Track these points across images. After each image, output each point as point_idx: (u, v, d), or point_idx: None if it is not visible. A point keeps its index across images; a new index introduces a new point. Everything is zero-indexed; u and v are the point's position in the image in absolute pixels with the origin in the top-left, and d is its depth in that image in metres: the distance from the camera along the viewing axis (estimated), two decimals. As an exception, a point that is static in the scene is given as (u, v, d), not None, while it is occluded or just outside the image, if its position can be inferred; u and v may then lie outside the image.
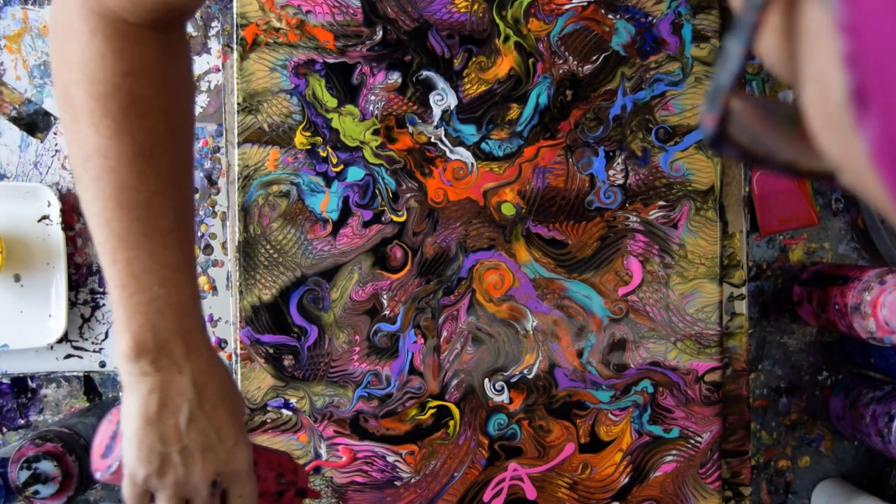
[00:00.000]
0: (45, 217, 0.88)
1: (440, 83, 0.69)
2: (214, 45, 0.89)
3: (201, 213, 0.86)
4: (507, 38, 0.69)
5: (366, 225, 0.69)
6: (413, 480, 0.70)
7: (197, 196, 0.86)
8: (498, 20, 0.69)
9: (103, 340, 0.90)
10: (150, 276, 0.45)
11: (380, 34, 0.69)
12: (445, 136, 0.69)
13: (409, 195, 0.70)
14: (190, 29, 0.89)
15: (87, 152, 0.44)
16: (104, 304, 0.90)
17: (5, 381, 0.89)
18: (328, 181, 0.69)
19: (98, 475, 0.50)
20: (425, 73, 0.69)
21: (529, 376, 0.70)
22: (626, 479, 0.70)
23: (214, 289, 0.86)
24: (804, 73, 0.19)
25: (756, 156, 0.21)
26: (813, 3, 0.18)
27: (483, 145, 0.70)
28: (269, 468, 0.53)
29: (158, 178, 0.45)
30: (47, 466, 0.73)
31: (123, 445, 0.47)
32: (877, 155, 0.15)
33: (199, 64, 0.90)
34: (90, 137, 0.44)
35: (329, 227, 0.69)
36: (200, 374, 0.46)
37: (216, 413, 0.47)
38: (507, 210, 0.70)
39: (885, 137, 0.15)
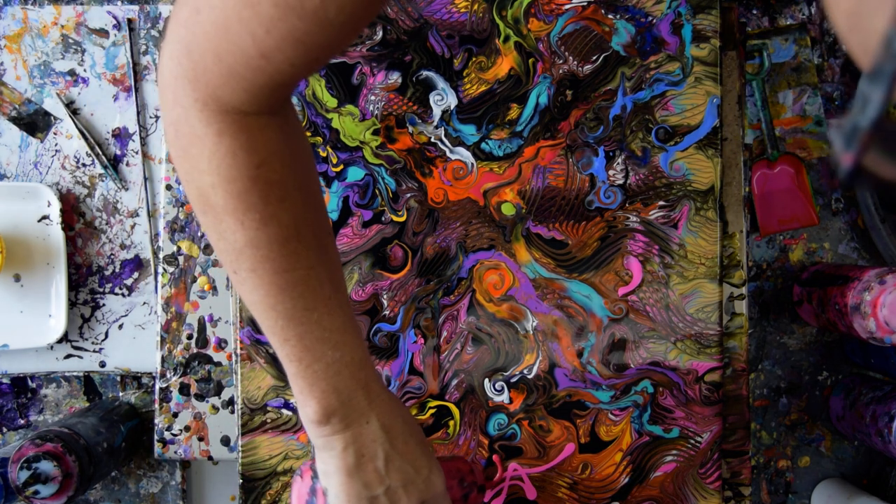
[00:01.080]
0: (45, 217, 0.88)
1: (440, 83, 0.69)
2: (214, 45, 0.89)
3: (201, 213, 0.86)
4: (507, 38, 0.69)
5: (366, 225, 0.69)
6: (413, 480, 0.70)
7: (197, 196, 0.86)
8: (498, 20, 0.69)
9: (103, 340, 0.90)
10: (322, 345, 0.47)
11: (380, 34, 0.69)
12: (445, 136, 0.69)
13: (409, 195, 0.70)
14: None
15: (239, 248, 0.45)
16: (104, 304, 0.90)
17: (5, 381, 0.89)
18: (328, 181, 0.69)
19: None
20: (425, 73, 0.69)
21: (529, 376, 0.70)
22: (626, 479, 0.70)
23: (214, 289, 0.86)
24: None
25: (891, 186, 0.22)
26: None
27: (483, 145, 0.70)
28: (451, 477, 0.56)
29: (308, 251, 0.46)
30: (47, 466, 0.73)
31: (330, 501, 0.50)
32: None
33: (199, 64, 0.90)
34: (238, 233, 0.45)
35: (329, 227, 0.69)
36: (385, 418, 0.49)
37: (407, 448, 0.50)
38: (507, 210, 0.70)
39: None
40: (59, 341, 0.89)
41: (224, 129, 0.43)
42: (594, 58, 0.70)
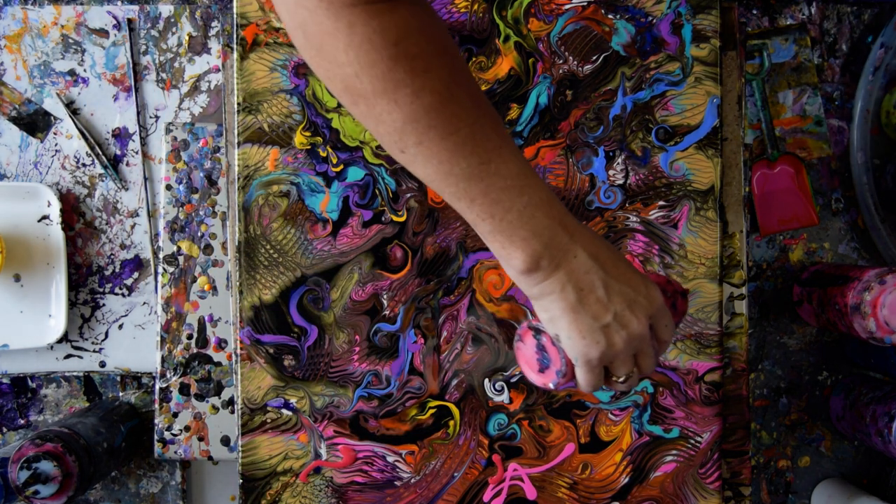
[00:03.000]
0: (45, 217, 0.88)
1: (440, 83, 0.69)
2: (214, 45, 0.90)
3: (201, 213, 0.86)
4: (507, 38, 0.69)
5: (366, 225, 0.69)
6: (413, 480, 0.70)
7: (197, 196, 0.86)
8: (498, 20, 0.69)
9: (103, 340, 0.90)
10: (509, 194, 0.47)
11: (380, 34, 0.69)
12: (445, 136, 0.69)
13: (409, 195, 0.70)
14: (189, 28, 0.89)
15: (399, 126, 0.46)
16: (104, 304, 0.90)
17: (5, 381, 0.89)
18: (328, 181, 0.69)
19: (551, 385, 0.53)
20: (425, 73, 0.69)
21: (529, 376, 0.70)
22: (626, 479, 0.70)
23: (214, 289, 0.86)
24: None
25: None
26: None
27: (483, 145, 0.69)
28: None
29: (467, 110, 0.46)
30: (47, 466, 0.73)
31: (564, 345, 0.50)
32: None
33: (199, 64, 0.90)
34: (394, 113, 0.45)
35: (329, 227, 0.69)
36: (591, 247, 0.49)
37: (619, 270, 0.49)
38: (507, 210, 0.70)
39: None
40: (59, 341, 0.89)
41: (354, 20, 0.43)
42: (594, 58, 0.70)
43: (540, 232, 0.47)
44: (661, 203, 0.70)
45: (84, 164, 0.89)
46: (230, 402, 0.86)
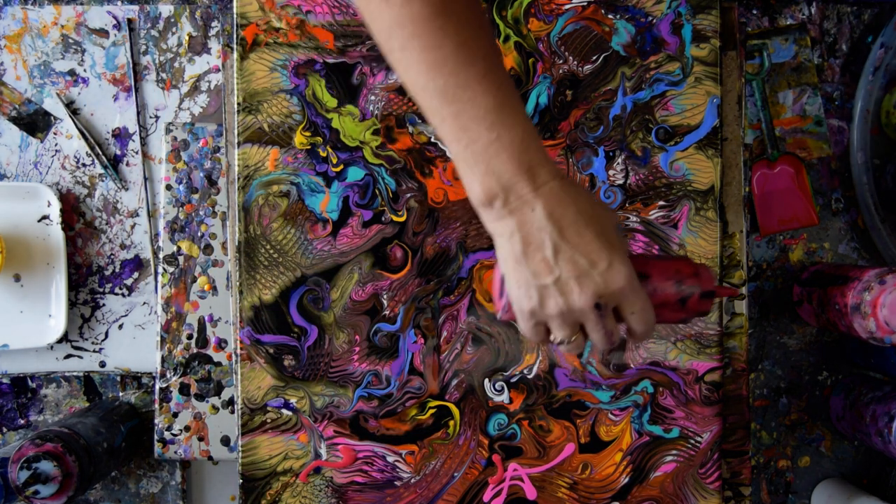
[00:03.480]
0: (45, 217, 0.88)
1: (440, 83, 0.69)
2: (214, 45, 0.90)
3: (201, 213, 0.86)
4: (507, 38, 0.69)
5: (366, 225, 0.69)
6: (413, 480, 0.70)
7: (197, 196, 0.86)
8: (498, 20, 0.69)
9: (103, 340, 0.90)
10: (477, 125, 0.46)
11: (380, 34, 0.69)
12: (445, 136, 0.69)
13: (409, 195, 0.70)
14: (189, 28, 0.89)
15: (387, 27, 0.46)
16: (104, 304, 0.90)
17: (5, 381, 0.90)
18: (328, 181, 0.69)
19: (498, 315, 0.54)
20: (425, 73, 0.69)
21: (529, 376, 0.70)
22: (626, 479, 0.70)
23: (214, 289, 0.86)
24: None
25: None
26: None
27: (483, 145, 0.69)
28: (665, 277, 0.52)
29: (457, 29, 0.46)
30: (47, 466, 0.73)
31: (507, 286, 0.50)
32: None
33: (199, 64, 0.90)
34: (385, 13, 0.45)
35: (329, 227, 0.69)
36: (553, 206, 0.47)
37: (581, 239, 0.47)
38: (507, 210, 0.70)
39: None
40: (59, 341, 0.89)
41: None
42: (594, 58, 0.70)
43: (500, 173, 0.47)
44: (661, 203, 0.70)
45: (84, 164, 0.89)
46: (230, 402, 0.86)
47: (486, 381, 0.70)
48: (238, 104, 0.69)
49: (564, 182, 0.48)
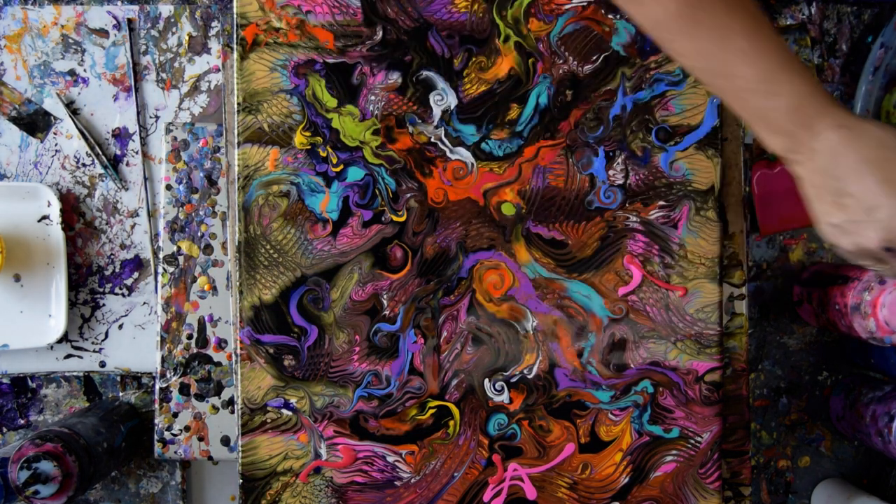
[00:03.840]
0: (45, 217, 0.88)
1: (440, 83, 0.69)
2: (214, 45, 0.90)
3: (201, 212, 0.86)
4: (507, 38, 0.69)
5: (366, 225, 0.69)
6: (413, 480, 0.70)
7: (197, 196, 0.86)
8: (498, 20, 0.69)
9: (103, 340, 0.90)
10: (747, 95, 0.51)
11: (380, 34, 0.69)
12: (445, 136, 0.69)
13: (409, 195, 0.70)
14: (189, 28, 0.89)
15: (650, 27, 0.53)
16: (104, 304, 0.90)
17: (5, 381, 0.90)
18: (328, 181, 0.69)
19: None
20: (425, 73, 0.69)
21: (529, 376, 0.70)
22: (626, 479, 0.70)
23: (214, 289, 0.86)
24: None
25: None
26: None
27: (483, 145, 0.70)
28: None
29: (711, 14, 0.50)
30: (47, 466, 0.73)
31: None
32: None
33: (199, 64, 0.90)
34: (640, 16, 0.53)
35: (329, 227, 0.69)
36: (830, 158, 0.50)
37: (862, 186, 0.50)
38: (507, 210, 0.70)
39: None
40: (59, 341, 0.89)
41: None
42: (594, 58, 0.70)
43: (778, 133, 0.51)
44: (661, 203, 0.70)
45: (84, 164, 0.89)
46: (230, 402, 0.86)
47: (486, 381, 0.70)
48: (238, 104, 0.69)
49: (843, 132, 0.50)
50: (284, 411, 0.69)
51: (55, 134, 0.90)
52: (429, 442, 0.70)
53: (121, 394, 0.90)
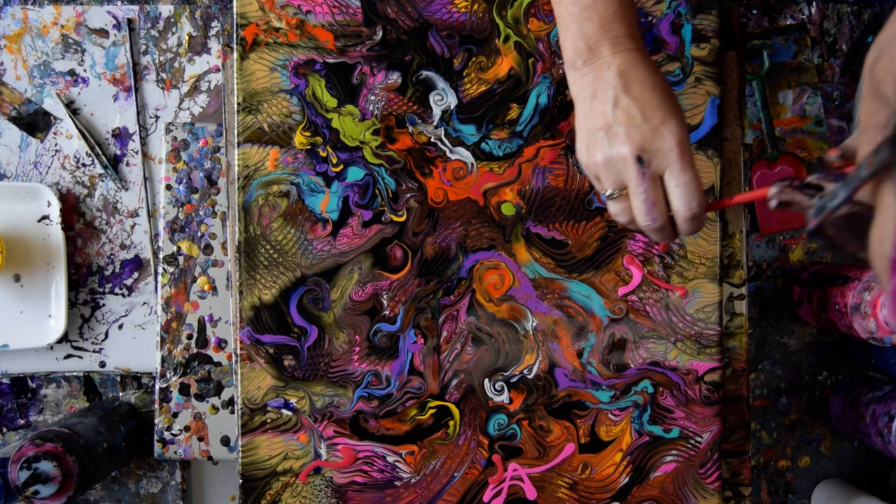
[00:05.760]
0: (45, 217, 0.88)
1: (440, 83, 0.69)
2: (214, 45, 0.90)
3: (201, 212, 0.86)
4: (507, 38, 0.69)
5: (366, 225, 0.69)
6: (413, 480, 0.70)
7: (197, 196, 0.86)
8: (498, 20, 0.69)
9: (103, 340, 0.90)
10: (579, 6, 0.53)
11: (380, 34, 0.69)
12: (445, 136, 0.69)
13: (409, 195, 0.70)
14: (189, 28, 0.89)
15: None
16: (104, 304, 0.90)
17: (5, 381, 0.89)
18: (328, 181, 0.69)
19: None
20: (425, 73, 0.69)
21: (529, 376, 0.70)
22: (626, 479, 0.70)
23: (214, 289, 0.86)
24: (877, 221, 0.30)
25: (836, 245, 0.34)
26: (889, 196, 0.29)
27: (483, 145, 0.70)
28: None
29: None
30: (47, 466, 0.73)
31: (576, 145, 0.55)
32: (891, 293, 0.27)
33: (199, 64, 0.90)
34: None
35: (329, 227, 0.69)
36: (626, 67, 0.52)
37: (642, 96, 0.51)
38: (507, 210, 0.70)
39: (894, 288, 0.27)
40: (59, 341, 0.89)
41: None
42: (594, 58, 0.69)
43: (588, 35, 0.53)
44: (661, 203, 0.70)
45: (84, 164, 0.89)
46: (230, 402, 0.86)
47: (486, 381, 0.70)
48: (238, 104, 0.69)
49: (643, 54, 0.53)
50: (284, 411, 0.69)
51: (55, 134, 0.90)
52: (429, 442, 0.70)
53: (121, 394, 0.90)
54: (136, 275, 0.90)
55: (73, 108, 0.89)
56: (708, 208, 0.53)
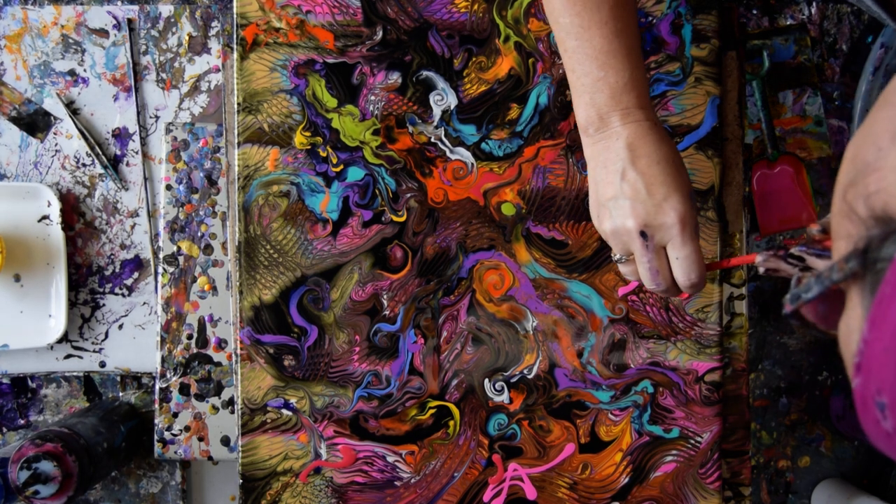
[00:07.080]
0: (45, 217, 0.88)
1: (440, 83, 0.69)
2: (214, 45, 0.90)
3: (201, 212, 0.86)
4: (507, 38, 0.69)
5: (366, 225, 0.69)
6: (413, 480, 0.70)
7: (197, 196, 0.86)
8: (498, 20, 0.69)
9: (103, 340, 0.90)
10: (590, 62, 0.54)
11: (380, 34, 0.69)
12: (445, 136, 0.69)
13: (409, 195, 0.70)
14: (189, 28, 0.89)
15: None
16: (104, 304, 0.90)
17: (5, 381, 0.89)
18: (328, 181, 0.69)
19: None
20: (425, 73, 0.69)
21: (529, 376, 0.70)
22: (626, 479, 0.70)
23: (214, 289, 0.86)
24: (845, 315, 0.31)
25: (808, 326, 0.36)
26: (856, 299, 0.30)
27: (483, 145, 0.70)
28: None
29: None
30: (47, 466, 0.73)
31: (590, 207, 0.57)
32: (856, 393, 0.28)
33: (199, 64, 0.90)
34: None
35: (329, 227, 0.69)
36: (634, 139, 0.53)
37: (648, 170, 0.52)
38: (507, 210, 0.70)
39: (860, 390, 0.28)
40: (59, 341, 0.89)
41: None
42: (594, 58, 0.69)
43: (599, 106, 0.54)
44: (661, 203, 0.70)
45: (84, 164, 0.89)
46: (230, 402, 0.86)
47: (486, 381, 0.70)
48: (238, 104, 0.69)
49: (655, 125, 0.54)
50: (284, 411, 0.69)
51: (55, 134, 0.90)
52: (429, 442, 0.70)
53: (121, 394, 0.90)
54: (136, 275, 0.90)
55: (73, 108, 0.89)
56: (707, 268, 0.55)
